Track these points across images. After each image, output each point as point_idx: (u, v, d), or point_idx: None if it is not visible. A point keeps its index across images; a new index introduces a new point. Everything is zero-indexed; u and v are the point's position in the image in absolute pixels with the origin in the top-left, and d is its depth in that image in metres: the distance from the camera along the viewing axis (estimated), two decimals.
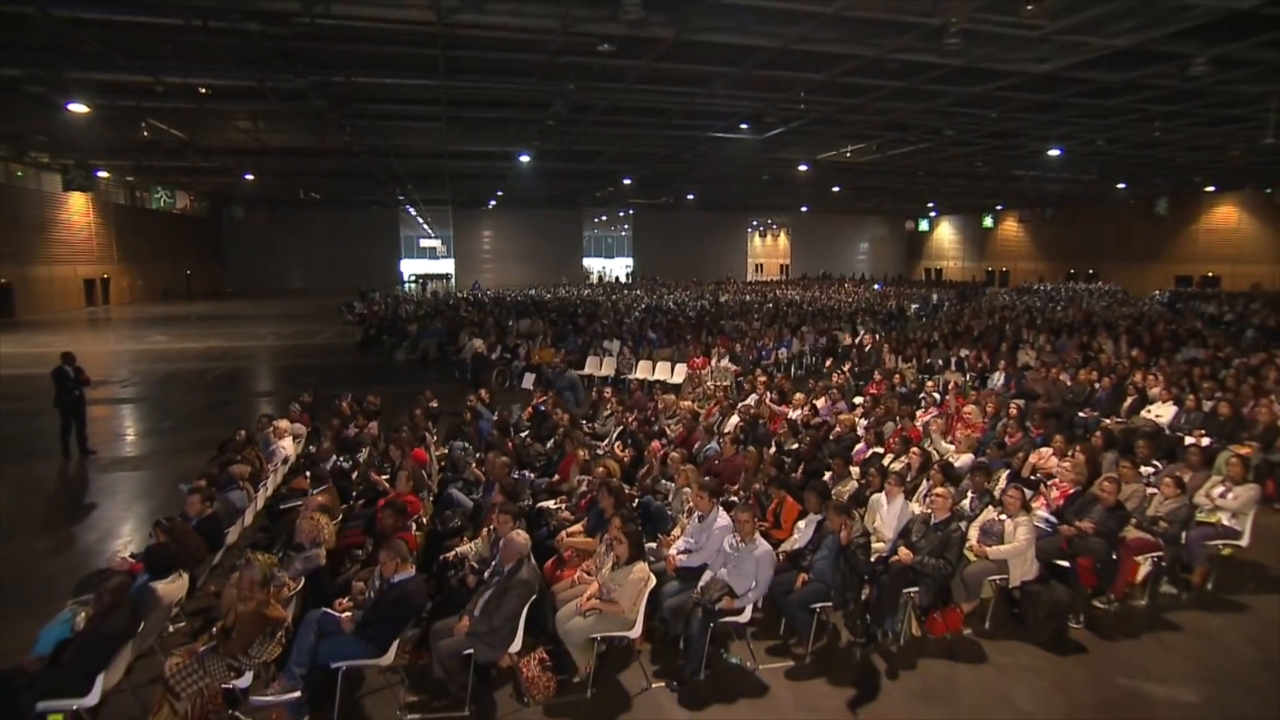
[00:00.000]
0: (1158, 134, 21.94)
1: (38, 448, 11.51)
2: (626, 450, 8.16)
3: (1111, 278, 41.09)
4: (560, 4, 10.98)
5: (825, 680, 5.53)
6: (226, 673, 4.68)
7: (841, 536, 5.59)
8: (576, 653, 5.31)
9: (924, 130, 22.31)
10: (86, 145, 25.75)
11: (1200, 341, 17.32)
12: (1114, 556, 6.57)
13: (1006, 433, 9.04)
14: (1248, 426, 9.82)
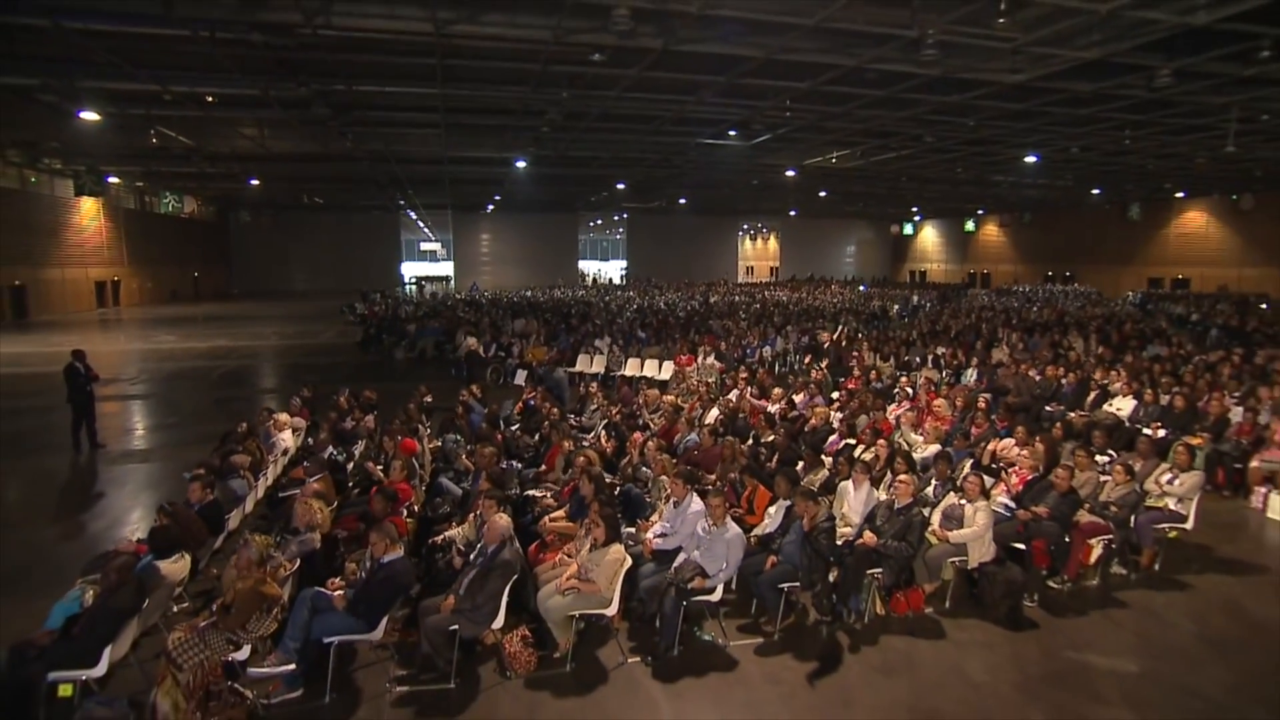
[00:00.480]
0: (1128, 142, 22.09)
1: (50, 441, 11.65)
2: (610, 442, 8.32)
3: (1087, 280, 41.32)
4: (553, 15, 11.04)
5: (792, 655, 5.70)
6: (226, 646, 4.82)
7: (804, 522, 5.76)
8: (556, 630, 5.46)
9: (905, 137, 22.33)
10: (98, 152, 25.76)
11: (1164, 340, 17.55)
12: (1067, 539, 6.76)
13: (973, 424, 9.22)
14: (1200, 418, 10.03)
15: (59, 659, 4.61)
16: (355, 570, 5.49)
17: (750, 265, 64.13)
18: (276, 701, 4.99)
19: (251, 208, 46.77)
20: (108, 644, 4.66)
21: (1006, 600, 6.31)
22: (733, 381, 11.92)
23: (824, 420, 9.31)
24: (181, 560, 5.49)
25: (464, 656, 5.36)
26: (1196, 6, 10.31)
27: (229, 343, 24.52)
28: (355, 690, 5.21)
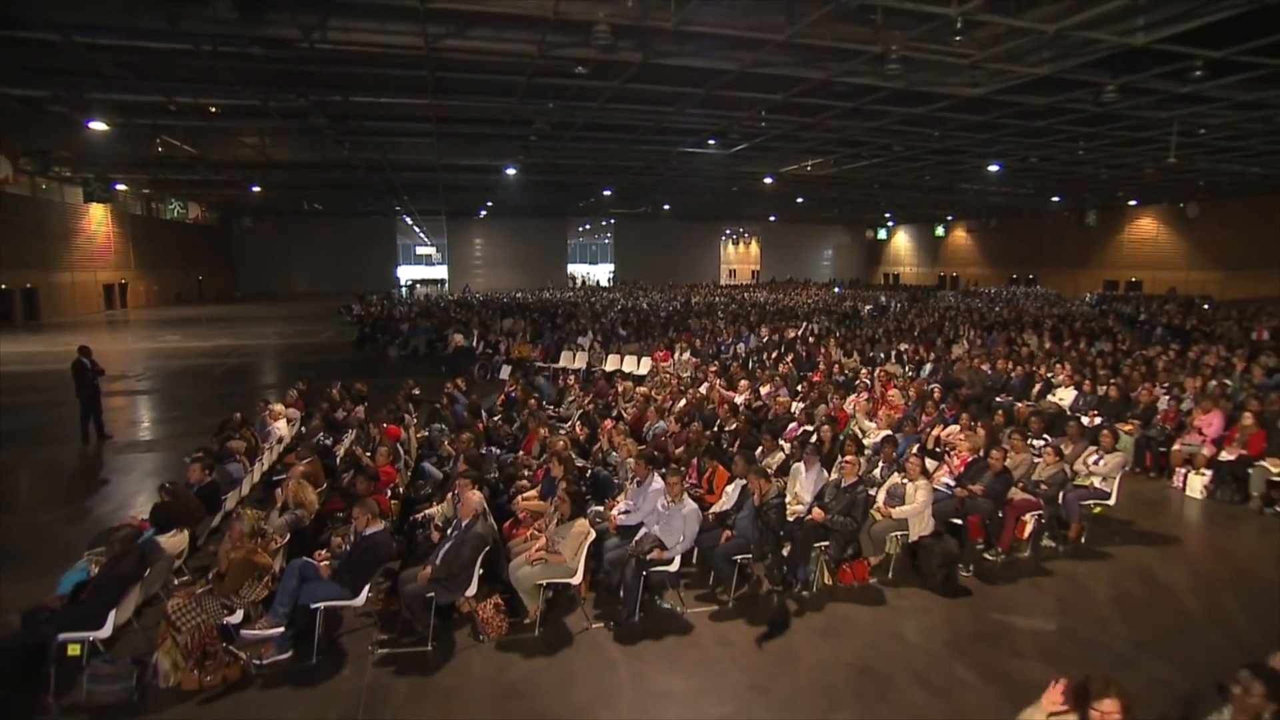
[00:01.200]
0: (1081, 152, 22.39)
1: (59, 433, 11.78)
2: (583, 429, 8.56)
3: (1049, 282, 41.89)
4: (537, 30, 11.14)
5: (744, 621, 5.96)
6: (220, 611, 5.05)
7: (755, 497, 6.02)
8: (526, 597, 5.70)
9: (875, 146, 22.58)
10: (105, 160, 25.77)
11: (1110, 337, 17.95)
12: (1000, 514, 7.06)
13: (923, 413, 9.52)
14: (1132, 407, 10.38)
15: (68, 621, 4.83)
16: (341, 544, 5.72)
17: (733, 268, 64.45)
18: (267, 662, 5.20)
19: (253, 214, 46.63)
20: (112, 608, 4.88)
21: (943, 570, 6.59)
22: (704, 375, 12.19)
23: (785, 409, 9.60)
24: (180, 535, 5.71)
25: (441, 622, 5.59)
26: (1135, 28, 10.62)
27: (231, 342, 24.60)
28: (340, 652, 5.43)
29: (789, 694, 4.98)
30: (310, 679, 5.10)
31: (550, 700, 4.90)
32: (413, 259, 64.20)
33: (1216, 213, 33.56)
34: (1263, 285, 31.24)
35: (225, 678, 4.98)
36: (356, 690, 4.99)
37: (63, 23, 10.73)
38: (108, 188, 29.93)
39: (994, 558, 7.10)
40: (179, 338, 25.87)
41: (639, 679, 5.14)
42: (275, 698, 4.92)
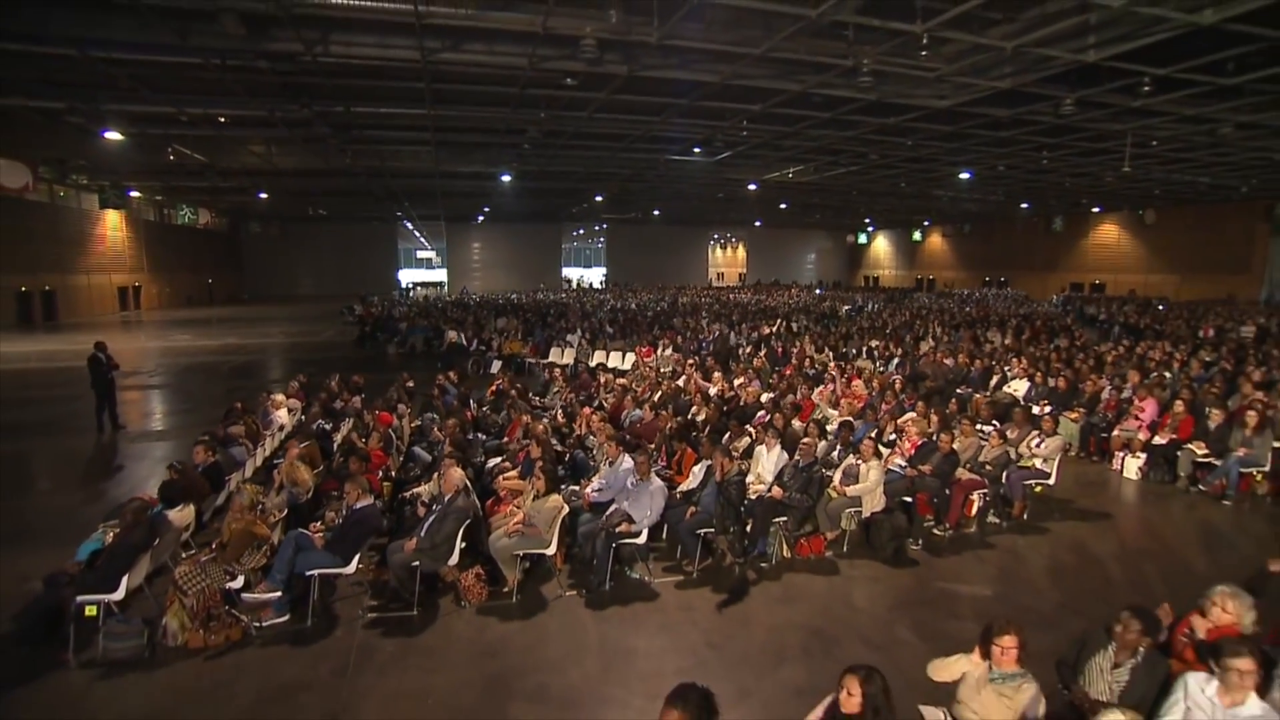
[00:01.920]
0: (1045, 161, 22.77)
1: (76, 424, 11.96)
2: (564, 417, 8.81)
3: (1019, 284, 42.37)
4: (527, 44, 11.34)
5: (706, 590, 6.21)
6: (223, 577, 5.30)
7: (717, 474, 6.28)
8: (505, 567, 5.95)
9: (852, 155, 22.82)
10: (120, 168, 25.92)
11: (1068, 334, 18.30)
12: (947, 492, 7.34)
13: (883, 402, 9.81)
14: (1079, 397, 10.68)
15: (86, 585, 5.07)
16: (334, 518, 5.97)
17: (721, 272, 64.75)
18: (266, 624, 5.44)
19: (261, 219, 46.78)
20: (125, 573, 5.12)
21: (893, 543, 6.87)
22: (683, 369, 12.45)
23: (754, 398, 9.87)
24: (187, 510, 5.94)
25: (425, 590, 5.84)
26: (1087, 46, 10.88)
27: (239, 340, 24.77)
28: (333, 616, 5.67)
29: (742, 651, 5.25)
30: (305, 639, 5.34)
31: (524, 657, 5.15)
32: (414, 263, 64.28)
33: (1172, 219, 34.14)
34: (1214, 287, 31.80)
35: (228, 637, 5.23)
36: (347, 648, 5.24)
37: (80, 39, 10.92)
38: (122, 194, 30.11)
39: (942, 533, 7.38)
40: (189, 337, 26.02)
41: (606, 639, 5.40)
42: (273, 655, 5.16)
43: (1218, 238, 32.40)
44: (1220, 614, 3.96)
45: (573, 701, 4.64)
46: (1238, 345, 15.55)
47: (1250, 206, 30.85)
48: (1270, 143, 18.80)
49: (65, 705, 4.64)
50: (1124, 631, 3.74)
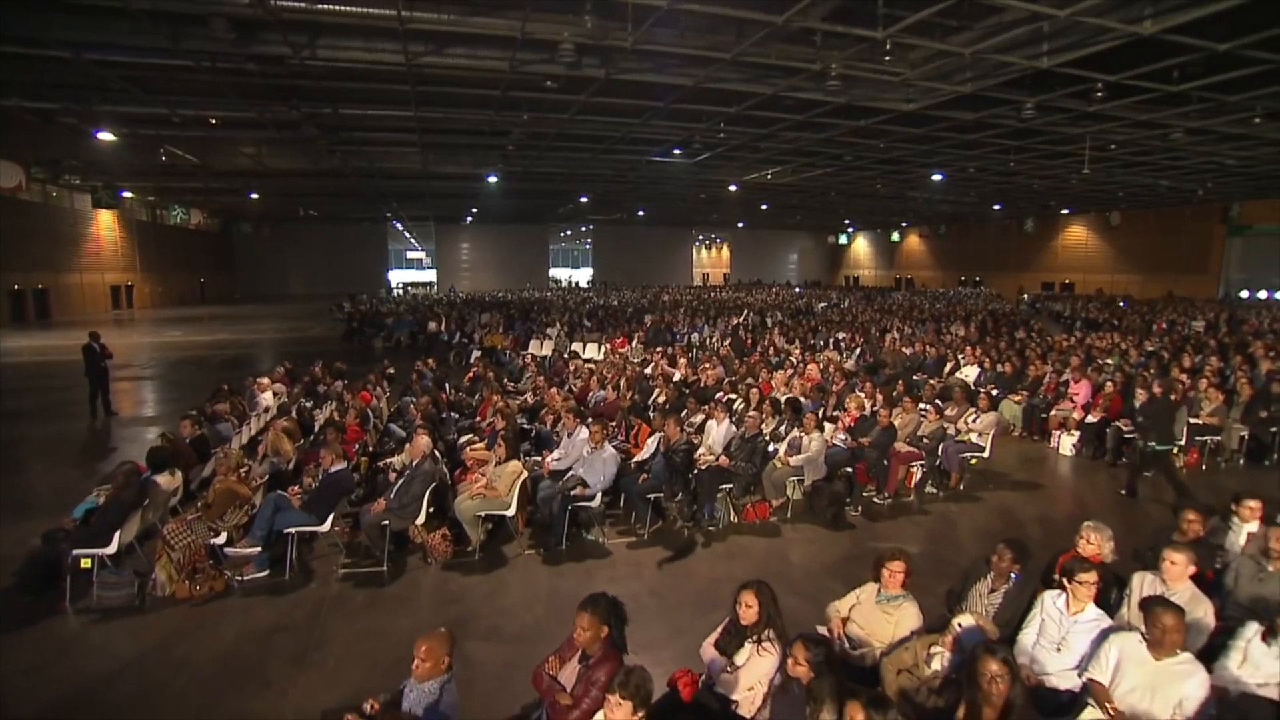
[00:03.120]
0: (1013, 164, 23.03)
1: (70, 411, 12.30)
2: (534, 398, 9.25)
3: (993, 283, 43.12)
4: (508, 48, 11.53)
5: (655, 549, 6.67)
6: (207, 533, 5.70)
7: (665, 441, 6.73)
8: (469, 527, 6.37)
9: (828, 156, 23.05)
10: (113, 169, 25.85)
11: (1026, 327, 18.90)
12: (885, 463, 7.82)
13: (834, 383, 10.29)
14: (1023, 380, 11.21)
15: (80, 540, 5.46)
16: (310, 482, 6.37)
17: (706, 272, 65.32)
18: (248, 579, 5.85)
19: (252, 220, 46.75)
20: (117, 529, 5.52)
21: (832, 508, 7.34)
22: (651, 356, 12.90)
23: (714, 382, 10.34)
24: (174, 475, 6.33)
25: (395, 548, 6.26)
26: (1040, 53, 11.26)
27: (229, 336, 25.04)
28: (310, 572, 6.09)
29: (680, 598, 5.70)
30: (282, 590, 5.76)
31: (482, 604, 5.59)
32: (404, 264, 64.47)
33: (1136, 222, 34.99)
34: (1175, 286, 32.64)
35: (212, 589, 5.63)
36: (321, 598, 5.65)
37: (75, 42, 11.04)
38: (115, 194, 30.13)
39: (881, 501, 7.87)
40: (181, 333, 26.26)
41: (557, 590, 5.83)
42: (252, 603, 5.57)
43: (1178, 239, 33.31)
44: (1085, 545, 4.46)
45: (521, 639, 5.06)
46: (1182, 337, 16.16)
47: (1208, 209, 31.69)
48: (1218, 148, 19.37)
49: (61, 647, 5.03)
50: (999, 560, 4.22)
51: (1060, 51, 11.12)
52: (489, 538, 6.58)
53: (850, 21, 10.42)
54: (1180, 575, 4.03)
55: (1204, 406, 9.27)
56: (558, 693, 3.24)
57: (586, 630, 3.26)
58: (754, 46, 11.30)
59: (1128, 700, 3.39)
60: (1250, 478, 8.61)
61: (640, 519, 6.94)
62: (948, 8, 9.73)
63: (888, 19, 10.19)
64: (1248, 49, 10.79)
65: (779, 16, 9.92)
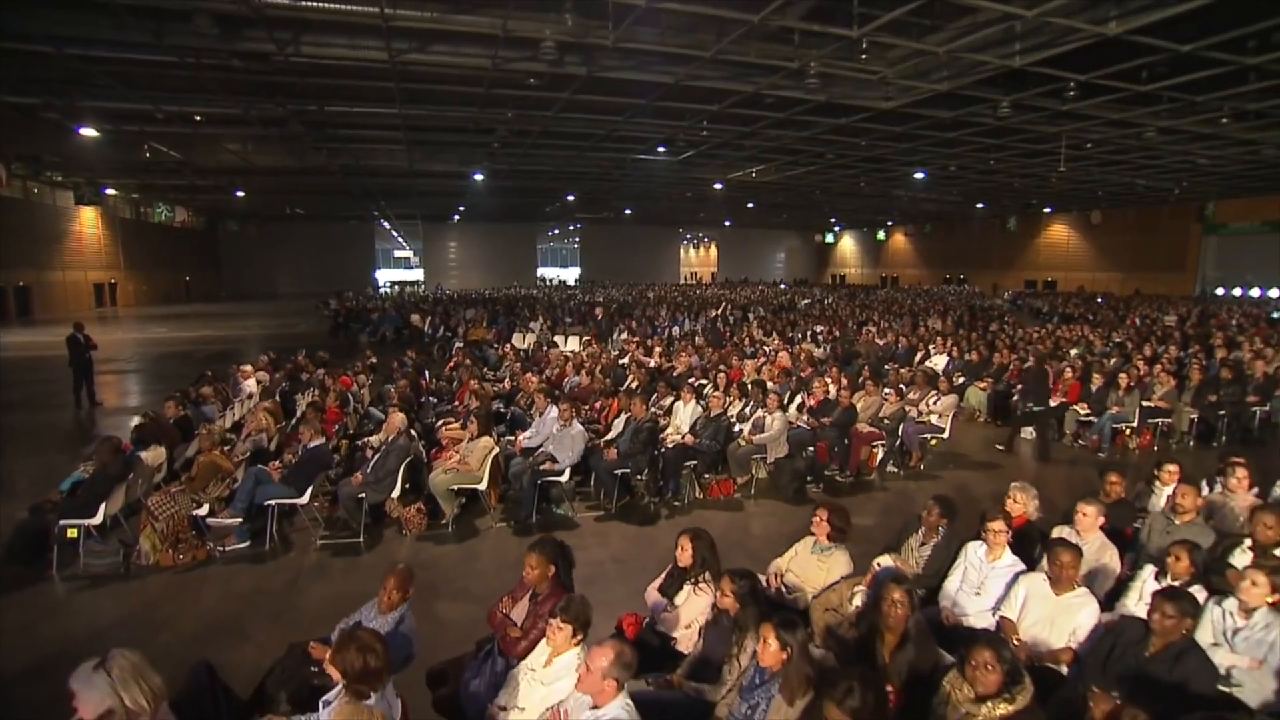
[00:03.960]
0: (993, 162, 23.44)
1: (55, 402, 12.53)
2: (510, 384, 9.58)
3: (977, 281, 43.78)
4: (490, 46, 11.67)
5: (621, 522, 7.01)
6: (190, 504, 6.00)
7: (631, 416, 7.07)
8: (443, 501, 6.69)
9: (810, 154, 23.24)
10: (96, 165, 25.76)
11: (1001, 321, 19.41)
12: (846, 442, 8.19)
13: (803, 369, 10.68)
14: (989, 368, 11.64)
15: (67, 511, 5.74)
16: (290, 458, 6.66)
17: (694, 271, 65.78)
18: (229, 549, 6.15)
19: (238, 218, 46.61)
20: (102, 501, 5.80)
21: (793, 484, 7.70)
22: (629, 346, 13.26)
23: (687, 368, 10.71)
24: (158, 450, 6.62)
25: (372, 521, 6.57)
26: (1013, 52, 11.50)
27: (214, 332, 25.20)
28: (289, 543, 6.40)
29: (640, 564, 6.02)
30: (262, 559, 6.07)
31: (453, 570, 5.91)
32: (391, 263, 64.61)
33: (1116, 220, 35.74)
34: (1154, 284, 33.35)
35: (194, 557, 5.93)
36: (299, 566, 5.96)
37: (58, 36, 11.10)
38: (98, 191, 30.09)
39: (843, 479, 8.24)
40: (166, 329, 26.39)
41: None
42: (233, 571, 5.87)
43: (1156, 238, 34.07)
44: (1012, 504, 4.84)
45: (489, 598, 5.22)
46: (1149, 329, 16.67)
47: (1184, 208, 32.43)
48: (1190, 147, 19.75)
49: (50, 608, 5.32)
50: (928, 516, 4.60)
51: (1031, 51, 11.36)
52: (462, 512, 6.90)
53: (827, 20, 10.63)
54: (1091, 526, 4.41)
55: (1156, 390, 9.70)
56: (509, 627, 3.57)
57: (535, 569, 3.60)
58: (733, 45, 11.48)
59: (1031, 632, 3.77)
60: (1196, 457, 9.03)
61: (608, 495, 7.28)
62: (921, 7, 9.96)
63: (862, 18, 10.36)
64: (1209, 50, 11.17)
65: (755, 15, 10.12)
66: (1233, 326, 17.50)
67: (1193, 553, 3.88)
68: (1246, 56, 11.56)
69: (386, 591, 3.46)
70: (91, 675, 2.53)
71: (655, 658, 3.67)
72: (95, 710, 2.49)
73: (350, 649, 2.66)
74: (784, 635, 2.88)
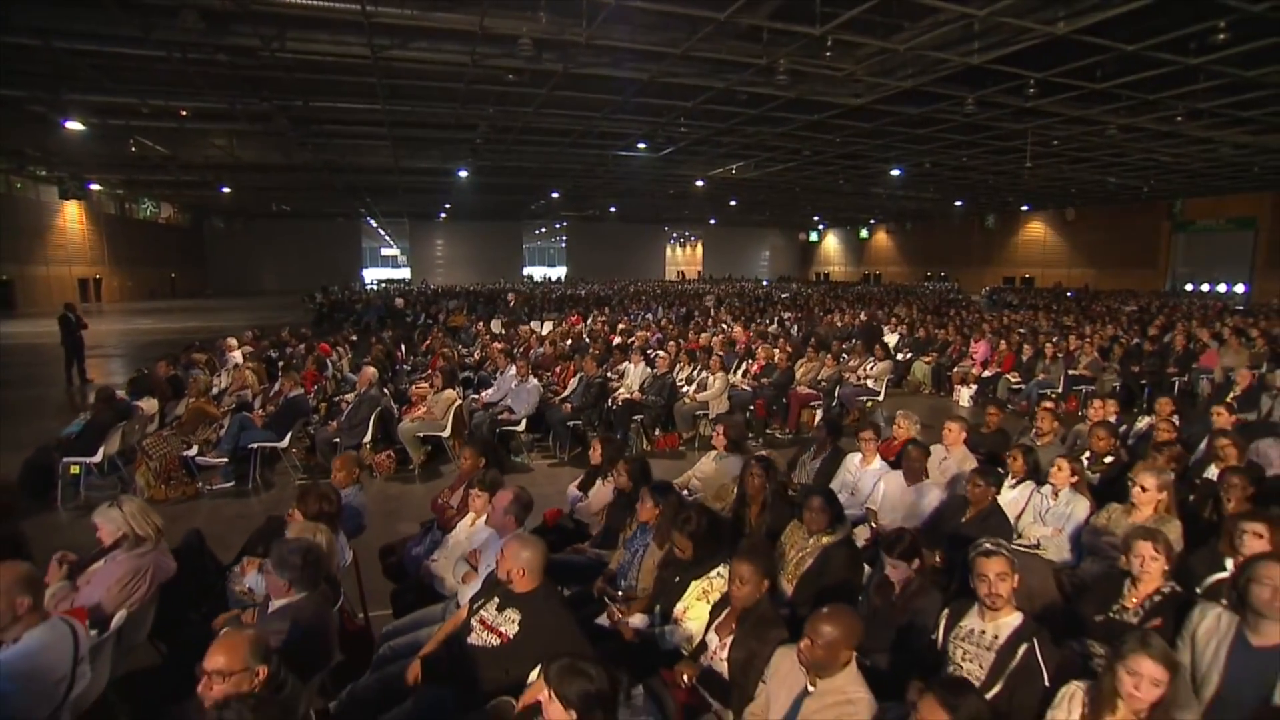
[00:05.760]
0: (965, 159, 24.03)
1: (46, 379, 13.25)
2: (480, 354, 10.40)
3: (958, 278, 44.78)
4: (469, 42, 12.04)
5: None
6: (180, 445, 6.75)
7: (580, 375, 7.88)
8: (410, 448, 7.48)
9: (787, 151, 23.59)
10: (81, 159, 25.89)
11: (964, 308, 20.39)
12: (785, 401, 9.01)
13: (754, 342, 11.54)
14: (934, 344, 12.53)
15: (70, 450, 6.48)
16: (272, 408, 7.43)
17: (681, 269, 66.64)
18: (216, 487, 6.91)
19: (224, 214, 47.03)
20: (101, 442, 6.55)
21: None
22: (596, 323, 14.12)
23: (644, 341, 11.56)
24: (151, 401, 7.38)
25: None
26: (972, 50, 11.95)
27: (200, 324, 25.81)
28: (270, 484, 7.16)
29: None
30: (246, 495, 6.84)
31: (415, 504, 6.68)
32: (379, 261, 65.32)
33: (1090, 218, 36.81)
34: (1127, 279, 34.44)
35: (184, 493, 6.70)
36: (279, 500, 6.72)
37: (45, 28, 11.38)
38: (82, 186, 30.43)
39: (783, 435, 9.06)
40: (152, 322, 27.00)
41: None
42: (219, 504, 6.66)
43: (1128, 234, 35.19)
44: (898, 429, 5.66)
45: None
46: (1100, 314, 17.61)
47: (1155, 206, 33.51)
48: (1152, 145, 20.38)
49: (55, 531, 6.07)
50: (818, 434, 5.41)
51: (989, 49, 11.74)
52: (428, 459, 7.68)
53: (791, 19, 11.03)
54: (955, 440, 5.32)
55: (1081, 361, 10.59)
56: (446, 509, 4.36)
57: (468, 460, 4.40)
58: (703, 42, 11.86)
59: (889, 518, 4.59)
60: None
61: (562, 445, 8.07)
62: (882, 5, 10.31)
63: (825, 16, 10.75)
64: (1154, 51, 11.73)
65: (722, 14, 10.54)
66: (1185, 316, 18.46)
67: (1025, 455, 4.73)
68: (1189, 57, 12.14)
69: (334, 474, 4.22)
70: (108, 510, 3.31)
71: (570, 537, 4.48)
72: (112, 535, 3.27)
73: (311, 496, 3.46)
74: (656, 495, 3.68)
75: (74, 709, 2.55)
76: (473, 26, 11.09)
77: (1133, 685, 2.18)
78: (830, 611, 2.37)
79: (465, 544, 3.81)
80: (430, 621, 3.41)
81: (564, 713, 2.00)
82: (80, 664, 2.50)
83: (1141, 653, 2.18)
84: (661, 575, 3.40)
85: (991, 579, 2.69)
